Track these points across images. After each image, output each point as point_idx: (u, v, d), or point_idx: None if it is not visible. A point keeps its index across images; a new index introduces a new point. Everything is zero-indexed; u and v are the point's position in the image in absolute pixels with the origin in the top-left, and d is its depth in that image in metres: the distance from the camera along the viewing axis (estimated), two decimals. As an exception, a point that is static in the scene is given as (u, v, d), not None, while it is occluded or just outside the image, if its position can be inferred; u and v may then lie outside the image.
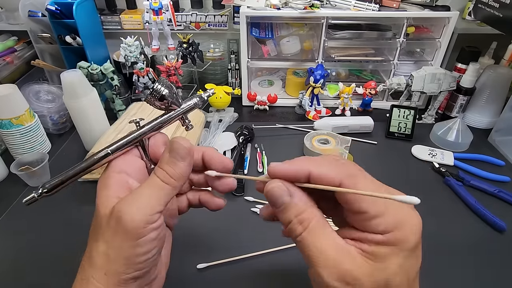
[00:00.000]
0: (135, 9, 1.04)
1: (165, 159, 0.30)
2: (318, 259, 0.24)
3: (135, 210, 0.27)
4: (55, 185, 0.31)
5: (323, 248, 0.25)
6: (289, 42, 0.91)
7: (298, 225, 0.25)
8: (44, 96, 0.84)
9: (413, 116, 0.80)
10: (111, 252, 0.27)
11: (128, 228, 0.26)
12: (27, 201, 0.31)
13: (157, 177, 0.29)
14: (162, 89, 0.32)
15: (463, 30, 0.89)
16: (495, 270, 0.52)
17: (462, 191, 0.64)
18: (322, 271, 0.24)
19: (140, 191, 0.29)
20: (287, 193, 0.26)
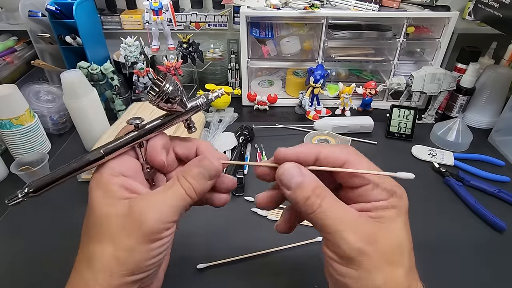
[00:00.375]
0: (135, 9, 1.04)
1: (194, 172, 0.30)
2: (340, 224, 0.26)
3: (158, 215, 0.27)
4: (43, 185, 0.28)
5: (343, 215, 0.26)
6: (289, 42, 0.91)
7: (316, 198, 0.27)
8: (44, 96, 0.84)
9: (413, 116, 0.80)
10: (121, 254, 0.27)
11: (148, 232, 0.27)
12: (10, 201, 0.27)
13: (182, 188, 0.29)
14: (170, 89, 0.29)
15: (463, 30, 0.89)
16: (495, 270, 0.52)
17: (462, 191, 0.64)
18: (346, 234, 0.25)
19: (163, 197, 0.28)
20: (300, 173, 0.28)
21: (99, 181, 0.29)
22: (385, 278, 0.25)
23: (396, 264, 0.26)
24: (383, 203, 0.27)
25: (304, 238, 0.55)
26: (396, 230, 0.27)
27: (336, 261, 0.26)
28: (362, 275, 0.25)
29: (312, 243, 0.54)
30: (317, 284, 0.48)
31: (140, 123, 0.30)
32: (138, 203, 0.28)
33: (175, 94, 0.30)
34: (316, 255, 0.53)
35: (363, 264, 0.25)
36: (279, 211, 0.60)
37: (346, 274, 0.26)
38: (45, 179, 0.28)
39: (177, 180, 0.29)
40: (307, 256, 0.53)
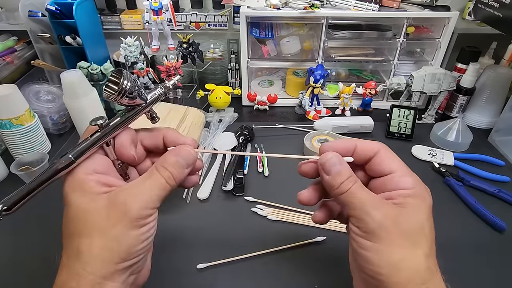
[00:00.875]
0: (135, 9, 1.04)
1: (172, 161, 0.31)
2: (367, 202, 0.29)
3: (141, 202, 0.29)
4: (17, 201, 0.27)
5: (369, 196, 0.30)
6: (289, 42, 0.91)
7: (348, 182, 0.31)
8: (44, 96, 0.84)
9: (413, 116, 0.80)
10: (111, 243, 0.28)
11: (133, 218, 0.28)
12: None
13: (161, 176, 0.30)
14: (128, 85, 0.30)
15: (463, 30, 0.89)
16: (495, 270, 0.52)
17: (462, 191, 0.64)
18: (370, 209, 0.29)
19: (143, 185, 0.30)
20: (340, 162, 0.32)
21: (74, 181, 0.30)
22: (403, 255, 0.28)
23: (416, 245, 0.28)
24: (408, 191, 0.30)
25: (304, 238, 0.55)
26: (417, 215, 0.29)
27: (359, 235, 0.29)
28: (382, 248, 0.28)
29: (312, 243, 0.54)
30: (317, 284, 0.48)
31: (103, 122, 0.30)
32: (119, 193, 0.29)
33: (133, 89, 0.30)
34: (316, 255, 0.53)
35: (382, 238, 0.28)
36: (279, 211, 0.60)
37: (367, 247, 0.28)
38: (18, 194, 0.28)
39: (155, 170, 0.31)
40: (307, 256, 0.53)
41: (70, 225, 0.30)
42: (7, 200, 0.27)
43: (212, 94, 0.86)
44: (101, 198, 0.29)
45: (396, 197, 0.31)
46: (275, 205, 0.61)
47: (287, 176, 0.69)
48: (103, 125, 0.30)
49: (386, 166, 0.32)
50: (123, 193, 0.29)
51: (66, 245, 0.30)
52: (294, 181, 0.67)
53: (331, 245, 0.54)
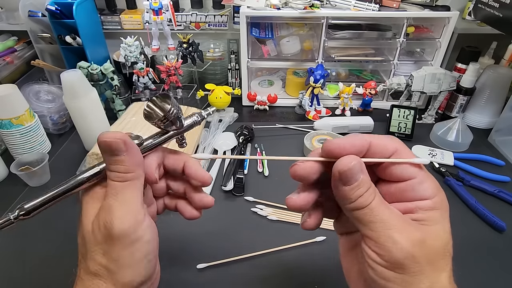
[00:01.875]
0: (135, 9, 1.04)
1: (107, 160, 0.28)
2: (389, 224, 0.25)
3: (122, 216, 0.27)
4: (35, 207, 0.27)
5: (390, 215, 0.26)
6: (289, 42, 0.91)
7: (369, 195, 0.26)
8: (44, 96, 0.84)
9: (413, 116, 0.80)
10: (113, 266, 0.27)
11: (121, 235, 0.26)
12: (1, 225, 0.26)
13: (113, 181, 0.28)
14: (174, 113, 0.29)
15: (463, 30, 0.89)
16: (495, 270, 0.52)
17: (462, 191, 0.64)
18: (395, 234, 0.25)
19: (110, 201, 0.28)
20: (362, 170, 0.26)
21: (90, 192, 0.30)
22: (430, 283, 0.25)
23: (441, 268, 0.26)
24: (427, 203, 0.27)
25: (304, 238, 0.55)
26: (441, 233, 0.27)
27: (380, 264, 0.25)
28: (408, 279, 0.25)
29: (312, 243, 0.54)
30: (317, 284, 0.48)
31: (139, 142, 0.30)
32: (98, 216, 0.27)
33: (176, 115, 0.30)
34: (316, 255, 0.53)
35: (410, 268, 0.24)
36: (279, 211, 0.60)
37: (391, 278, 0.25)
38: (39, 200, 0.27)
39: (108, 178, 0.29)
40: (307, 256, 0.53)
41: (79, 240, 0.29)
42: (27, 205, 0.27)
43: (212, 94, 0.86)
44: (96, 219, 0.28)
45: (416, 210, 0.27)
46: (275, 205, 0.61)
47: (287, 176, 0.68)
48: (138, 145, 0.30)
49: (405, 170, 0.28)
50: (100, 215, 0.27)
51: (80, 259, 0.29)
52: (294, 181, 0.68)
53: (331, 245, 0.54)
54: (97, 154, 0.64)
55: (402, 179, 0.28)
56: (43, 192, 0.28)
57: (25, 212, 0.27)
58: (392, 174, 0.28)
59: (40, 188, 0.67)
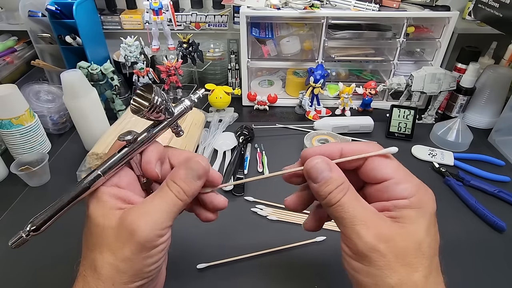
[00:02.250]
0: (135, 9, 1.04)
1: (182, 175, 0.30)
2: (357, 219, 0.27)
3: (150, 224, 0.27)
4: (45, 221, 0.27)
5: (361, 211, 0.27)
6: (289, 42, 0.91)
7: (337, 193, 0.28)
8: (44, 96, 0.84)
9: (413, 116, 0.80)
10: (120, 264, 0.27)
11: (141, 241, 0.27)
12: (14, 243, 0.27)
13: (172, 192, 0.29)
14: (159, 101, 0.29)
15: (463, 30, 0.89)
16: (495, 270, 0.52)
17: (462, 191, 0.64)
18: (360, 229, 0.26)
19: (152, 204, 0.28)
20: (328, 168, 0.28)
21: (94, 193, 0.30)
22: (399, 279, 0.25)
23: (414, 267, 0.26)
24: (404, 202, 0.27)
25: (304, 238, 0.55)
26: (414, 232, 0.27)
27: (350, 256, 0.27)
28: (374, 272, 0.26)
29: (312, 243, 0.54)
30: (317, 284, 0.48)
31: (131, 138, 0.30)
32: (129, 213, 0.28)
33: (164, 104, 0.30)
34: (316, 255, 0.53)
35: (374, 261, 0.26)
36: (279, 211, 0.60)
37: (358, 269, 0.27)
38: (47, 213, 0.27)
39: (166, 186, 0.29)
40: (307, 256, 0.53)
41: (86, 235, 0.30)
42: (36, 219, 0.27)
43: (212, 94, 0.86)
44: (113, 215, 0.28)
45: (392, 208, 0.28)
46: (275, 205, 0.61)
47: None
48: (131, 141, 0.30)
49: (379, 172, 0.29)
50: (132, 214, 0.28)
51: (84, 256, 0.29)
52: (294, 181, 0.68)
53: (331, 245, 0.54)
54: (97, 154, 0.64)
55: (378, 180, 0.29)
56: (50, 205, 0.28)
57: (36, 228, 0.27)
58: (369, 176, 0.30)
59: (40, 188, 0.67)
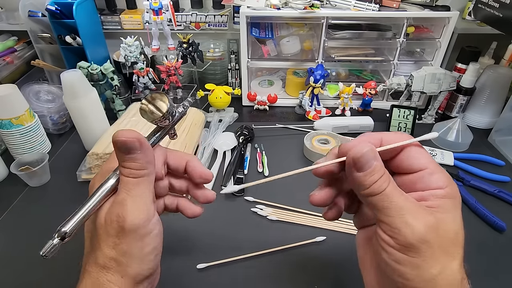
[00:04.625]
0: (135, 9, 1.04)
1: (121, 157, 0.29)
2: (404, 209, 0.26)
3: (134, 210, 0.28)
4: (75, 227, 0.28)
5: (404, 201, 0.27)
6: (289, 42, 0.91)
7: (383, 182, 0.27)
8: (44, 96, 0.84)
9: (413, 116, 0.80)
10: (122, 259, 0.28)
11: (133, 229, 0.28)
12: (47, 253, 0.28)
13: (127, 177, 0.29)
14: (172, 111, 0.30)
15: (463, 30, 0.89)
16: (495, 270, 0.52)
17: (462, 191, 0.64)
18: (410, 219, 0.26)
19: (123, 196, 0.29)
20: (376, 157, 0.28)
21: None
22: (441, 268, 0.25)
23: (452, 255, 0.26)
24: (441, 192, 0.27)
25: (304, 238, 0.55)
26: (453, 221, 0.27)
27: (394, 247, 0.26)
28: (420, 263, 0.25)
29: (312, 243, 0.54)
30: (317, 284, 0.48)
31: None
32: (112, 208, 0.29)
33: (173, 112, 0.31)
34: (316, 255, 0.53)
35: (423, 252, 0.25)
36: (279, 211, 0.60)
37: (403, 261, 0.26)
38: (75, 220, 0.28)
39: (120, 173, 0.30)
40: (307, 256, 0.53)
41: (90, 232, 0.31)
42: (66, 226, 0.27)
43: (212, 94, 0.86)
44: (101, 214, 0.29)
45: (429, 197, 0.28)
46: (275, 205, 0.61)
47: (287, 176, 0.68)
48: None
49: (415, 161, 0.29)
50: (114, 208, 0.28)
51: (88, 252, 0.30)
52: (294, 181, 0.67)
53: (331, 245, 0.54)
54: (97, 154, 0.64)
55: (414, 170, 0.29)
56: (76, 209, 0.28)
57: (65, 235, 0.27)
58: (404, 166, 0.30)
59: (40, 188, 0.67)
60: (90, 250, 0.30)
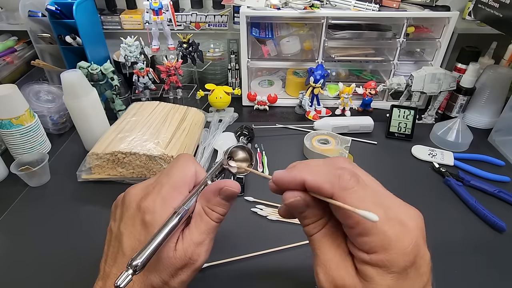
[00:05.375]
0: (135, 9, 1.04)
1: (217, 202, 0.32)
2: (320, 261, 0.26)
3: (204, 253, 0.31)
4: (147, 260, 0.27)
5: (327, 254, 0.26)
6: (289, 42, 0.91)
7: (313, 228, 0.28)
8: (44, 96, 0.84)
9: (413, 116, 0.80)
10: (177, 285, 0.30)
11: (200, 268, 0.32)
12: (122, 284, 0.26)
13: (212, 221, 0.32)
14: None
15: (463, 30, 0.89)
16: (495, 270, 0.52)
17: (462, 191, 0.64)
18: (320, 271, 0.26)
19: (200, 233, 0.32)
20: (304, 205, 0.27)
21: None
22: None
23: None
24: (365, 257, 0.24)
25: (304, 238, 0.54)
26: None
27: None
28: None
29: (312, 243, 0.54)
30: (317, 284, 0.48)
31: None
32: (187, 246, 0.31)
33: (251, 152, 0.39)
34: (316, 255, 0.53)
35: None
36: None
37: None
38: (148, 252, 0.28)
39: (205, 214, 0.32)
40: (307, 256, 0.53)
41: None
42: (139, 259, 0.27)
43: (212, 94, 0.86)
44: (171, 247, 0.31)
45: (357, 258, 0.25)
46: (275, 205, 0.61)
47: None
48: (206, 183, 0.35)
49: (344, 219, 0.25)
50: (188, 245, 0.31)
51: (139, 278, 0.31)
52: (294, 181, 0.67)
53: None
54: (97, 154, 0.64)
55: (345, 225, 0.25)
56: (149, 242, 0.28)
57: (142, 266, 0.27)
58: (337, 217, 0.26)
59: (40, 188, 0.67)
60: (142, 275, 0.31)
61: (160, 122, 0.72)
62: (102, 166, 0.65)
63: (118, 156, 0.63)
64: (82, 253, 0.51)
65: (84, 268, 0.36)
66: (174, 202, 0.31)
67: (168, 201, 0.31)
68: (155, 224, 0.29)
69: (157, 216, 0.30)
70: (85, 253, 0.49)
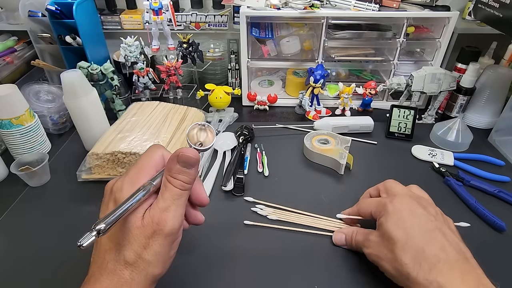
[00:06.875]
0: (135, 9, 1.04)
1: (177, 169, 0.34)
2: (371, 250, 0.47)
3: (175, 217, 0.33)
4: (112, 224, 0.30)
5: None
6: (289, 42, 0.91)
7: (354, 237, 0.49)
8: (44, 96, 0.84)
9: (413, 116, 0.80)
10: (151, 258, 0.32)
11: (169, 235, 0.32)
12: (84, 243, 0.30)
13: (176, 187, 0.33)
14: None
15: (463, 30, 0.89)
16: (495, 270, 0.51)
17: (462, 191, 0.64)
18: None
19: (168, 203, 0.33)
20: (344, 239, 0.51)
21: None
22: None
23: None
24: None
25: (304, 237, 0.55)
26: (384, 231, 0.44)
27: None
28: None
29: (312, 243, 0.54)
30: (317, 284, 0.48)
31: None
32: (153, 213, 0.33)
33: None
34: (316, 255, 0.53)
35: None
36: (279, 211, 0.60)
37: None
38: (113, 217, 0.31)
39: (168, 182, 0.34)
40: (307, 256, 0.53)
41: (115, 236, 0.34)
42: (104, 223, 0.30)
43: (212, 94, 0.86)
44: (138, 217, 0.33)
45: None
46: (275, 205, 0.61)
47: (287, 176, 0.69)
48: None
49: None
50: (155, 212, 0.32)
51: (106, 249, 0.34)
52: (294, 181, 0.67)
53: (331, 246, 0.54)
54: (97, 154, 0.64)
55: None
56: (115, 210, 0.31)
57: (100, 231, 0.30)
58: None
59: (40, 188, 0.67)
60: (110, 248, 0.32)
61: (160, 122, 0.72)
62: (102, 166, 0.65)
63: (118, 156, 0.64)
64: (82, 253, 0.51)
65: (84, 268, 0.36)
66: (140, 182, 0.34)
67: (134, 181, 0.34)
68: (123, 200, 0.32)
69: (125, 194, 0.33)
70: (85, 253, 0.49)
